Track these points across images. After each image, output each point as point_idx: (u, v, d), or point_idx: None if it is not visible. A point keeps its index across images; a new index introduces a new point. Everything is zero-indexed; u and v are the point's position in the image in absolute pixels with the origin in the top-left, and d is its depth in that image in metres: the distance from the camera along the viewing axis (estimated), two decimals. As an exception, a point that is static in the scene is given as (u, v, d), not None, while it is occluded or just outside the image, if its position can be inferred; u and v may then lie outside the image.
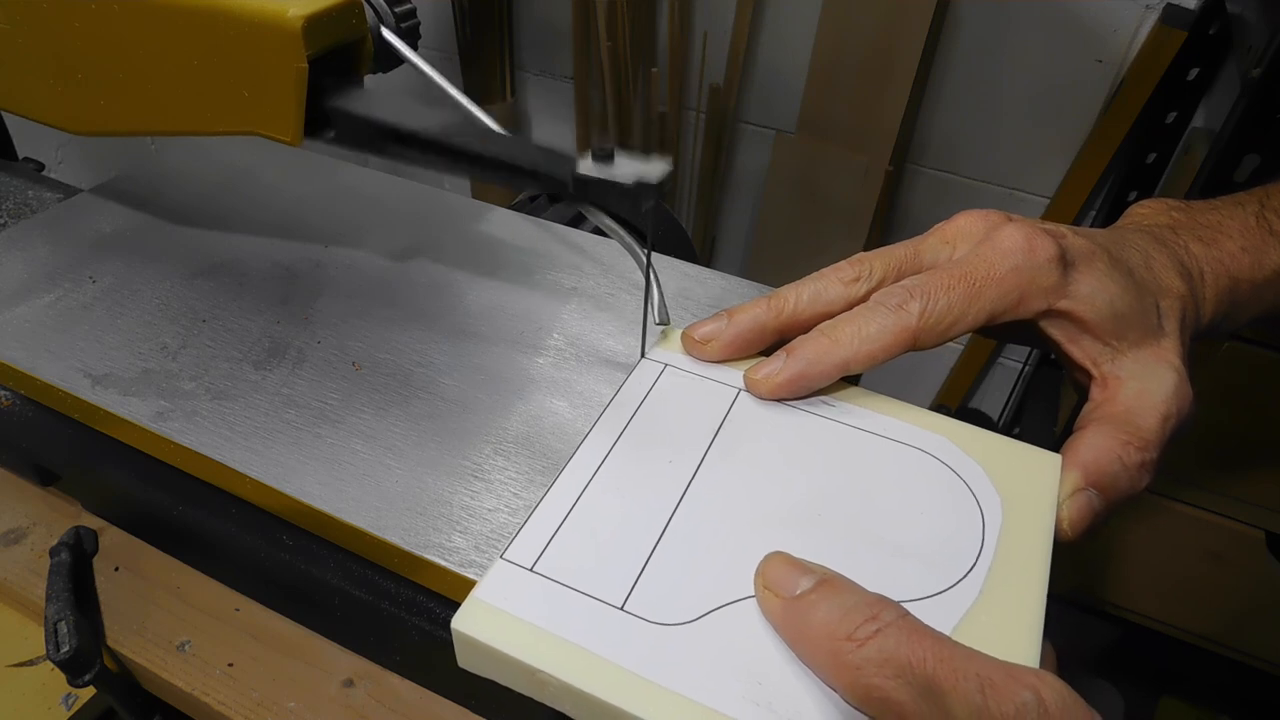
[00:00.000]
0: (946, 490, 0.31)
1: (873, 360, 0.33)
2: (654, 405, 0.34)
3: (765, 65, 1.06)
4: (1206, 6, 0.82)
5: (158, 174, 0.53)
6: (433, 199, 0.52)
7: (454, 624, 0.26)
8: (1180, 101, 0.88)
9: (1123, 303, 0.34)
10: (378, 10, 0.39)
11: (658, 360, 0.36)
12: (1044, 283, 0.33)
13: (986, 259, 0.34)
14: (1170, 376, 0.34)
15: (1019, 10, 0.91)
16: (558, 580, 0.27)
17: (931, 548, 0.28)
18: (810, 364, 0.34)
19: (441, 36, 1.21)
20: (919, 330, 0.33)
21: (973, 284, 0.33)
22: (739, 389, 0.35)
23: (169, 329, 0.41)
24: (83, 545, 0.45)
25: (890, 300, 0.33)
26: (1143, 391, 0.33)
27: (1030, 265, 0.33)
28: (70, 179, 0.60)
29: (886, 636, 0.23)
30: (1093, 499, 0.31)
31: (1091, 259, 0.34)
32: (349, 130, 0.36)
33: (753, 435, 0.33)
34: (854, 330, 0.33)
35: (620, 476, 0.31)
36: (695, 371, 0.36)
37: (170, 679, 0.40)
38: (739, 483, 0.31)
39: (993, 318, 0.33)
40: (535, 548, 0.28)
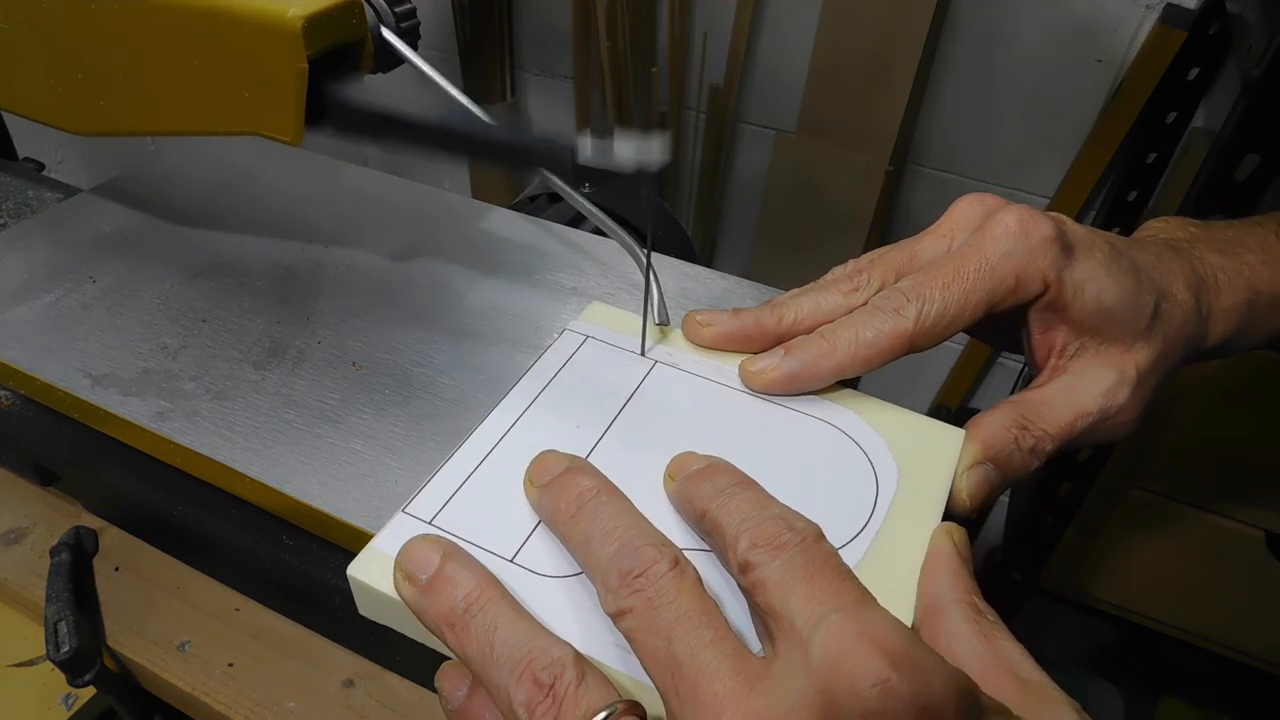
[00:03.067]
0: (846, 461, 0.32)
1: (869, 365, 0.33)
2: (570, 374, 0.35)
3: (765, 65, 1.06)
4: (1206, 6, 0.82)
5: (158, 174, 0.53)
6: (433, 199, 0.52)
7: (349, 571, 0.27)
8: (1180, 101, 0.88)
9: (1113, 297, 0.33)
10: (378, 10, 0.39)
11: (579, 332, 0.37)
12: (1040, 263, 0.33)
13: (979, 248, 0.33)
14: (1107, 378, 0.34)
15: (1019, 10, 0.91)
16: (454, 534, 0.28)
17: (823, 513, 0.28)
18: (806, 365, 0.34)
19: (441, 36, 1.21)
20: (915, 334, 0.33)
21: (965, 278, 0.33)
22: (655, 361, 0.36)
23: (169, 329, 0.41)
24: (83, 545, 0.45)
25: (887, 304, 0.33)
26: (1070, 388, 0.34)
27: (1024, 248, 0.33)
28: (70, 179, 0.60)
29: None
30: (990, 474, 0.32)
31: (1091, 247, 0.34)
32: (348, 120, 0.36)
33: (663, 405, 0.34)
34: (851, 335, 0.33)
35: (527, 440, 0.32)
36: (614, 344, 0.37)
37: (170, 679, 0.40)
38: (642, 448, 0.32)
39: (992, 307, 0.33)
40: (436, 503, 0.29)
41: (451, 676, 0.26)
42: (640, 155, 0.29)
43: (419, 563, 0.26)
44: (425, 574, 0.25)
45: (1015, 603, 1.04)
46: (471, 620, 0.24)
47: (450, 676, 0.26)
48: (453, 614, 0.25)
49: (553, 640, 0.24)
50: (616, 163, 0.29)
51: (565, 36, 1.13)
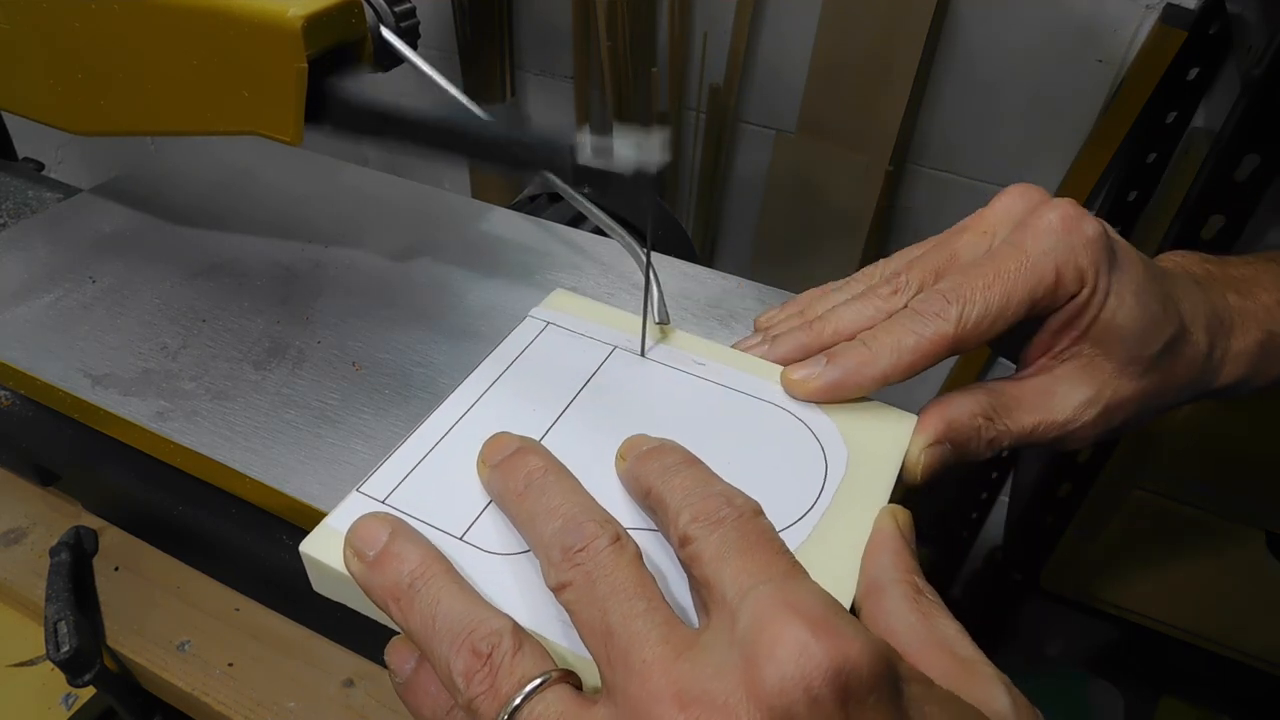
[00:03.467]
0: (797, 444, 0.33)
1: (913, 370, 0.33)
2: (529, 359, 0.35)
3: (765, 65, 1.06)
4: (1206, 6, 0.82)
5: (158, 174, 0.53)
6: (433, 199, 0.52)
7: (302, 547, 0.28)
8: (1180, 101, 0.87)
9: (1131, 319, 0.33)
10: (377, 10, 0.39)
11: (541, 318, 0.37)
12: (1081, 261, 0.32)
13: (1020, 246, 0.33)
14: (1083, 394, 0.34)
15: (1019, 10, 0.91)
16: (406, 512, 0.29)
17: (772, 494, 0.29)
18: (848, 374, 0.33)
19: (441, 36, 1.21)
20: (958, 336, 0.32)
21: (1007, 278, 0.32)
22: (614, 346, 0.36)
23: (169, 329, 0.41)
24: (83, 545, 0.45)
25: (927, 308, 0.33)
26: (1047, 392, 0.34)
27: (1066, 246, 0.32)
28: (70, 179, 0.60)
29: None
30: (946, 454, 0.33)
31: (1131, 262, 0.33)
32: (347, 117, 0.36)
33: (620, 390, 0.34)
34: (893, 342, 0.33)
35: (484, 422, 0.32)
36: (575, 329, 0.37)
37: (170, 679, 0.40)
38: (596, 431, 0.32)
39: (1033, 305, 0.32)
40: (391, 483, 0.30)
41: (400, 651, 0.27)
42: (640, 154, 0.29)
43: (367, 539, 0.26)
44: (373, 550, 0.26)
45: (1015, 603, 1.04)
46: (416, 595, 0.25)
47: (398, 651, 0.27)
48: (398, 588, 0.25)
49: (493, 613, 0.24)
50: (616, 163, 0.29)
51: (565, 36, 1.13)
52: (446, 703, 0.25)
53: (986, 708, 0.23)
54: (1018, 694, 0.24)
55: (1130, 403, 0.34)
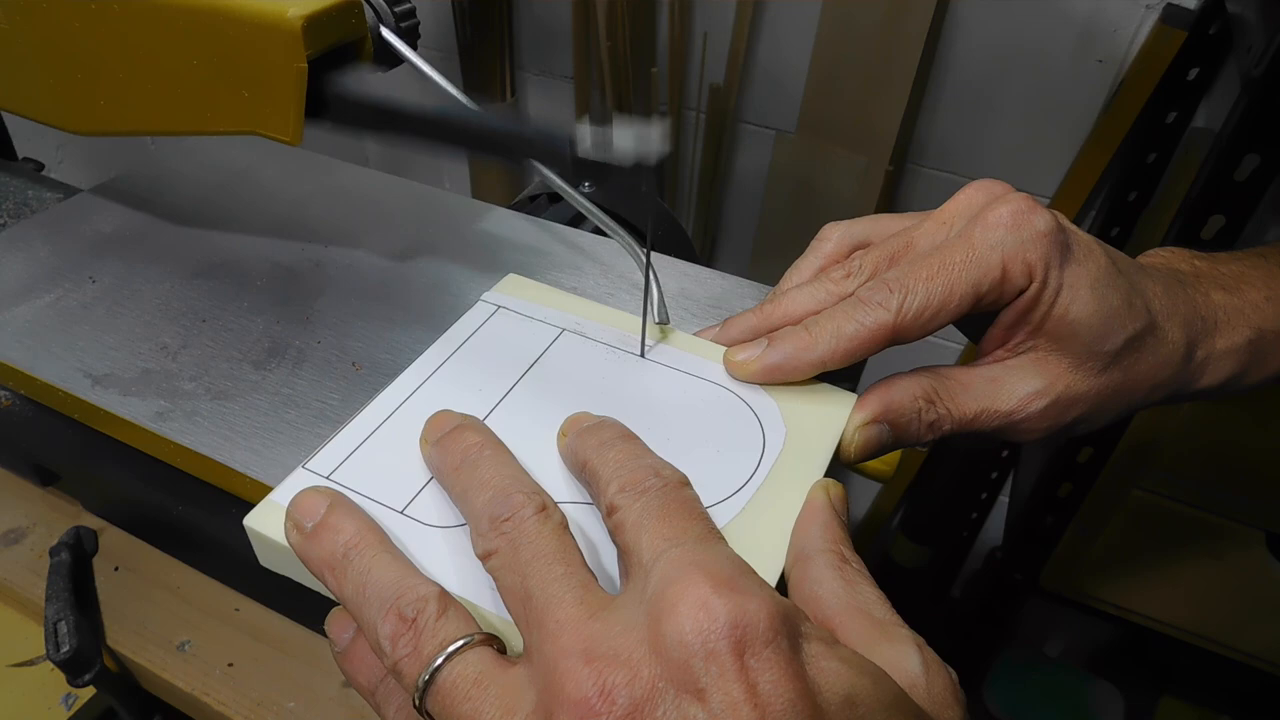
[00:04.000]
0: (737, 422, 0.33)
1: (851, 357, 0.33)
2: (478, 342, 0.36)
3: (765, 65, 1.06)
4: (1206, 6, 0.82)
5: (158, 174, 0.53)
6: (433, 199, 0.52)
7: (246, 521, 0.28)
8: (1180, 101, 0.87)
9: (1086, 314, 0.32)
10: (377, 10, 0.39)
11: (492, 302, 0.38)
12: (1029, 256, 0.32)
13: (969, 238, 0.33)
14: (1032, 385, 0.34)
15: (1019, 10, 0.91)
16: (350, 487, 0.29)
17: (709, 470, 0.31)
18: (787, 359, 0.34)
19: (441, 36, 1.21)
20: (897, 326, 0.33)
21: (951, 270, 0.32)
22: (562, 329, 0.37)
23: (169, 329, 0.41)
24: (83, 545, 0.45)
25: (871, 296, 0.33)
26: (994, 380, 0.34)
27: (1015, 240, 0.32)
28: (70, 179, 0.60)
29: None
30: (883, 434, 0.33)
31: (1088, 256, 0.33)
32: (346, 112, 0.35)
33: (566, 371, 0.35)
34: (833, 329, 0.33)
35: (429, 402, 0.33)
36: (524, 312, 0.38)
37: (170, 679, 0.40)
38: (540, 411, 0.33)
39: (978, 299, 0.32)
40: (336, 459, 0.30)
41: (338, 621, 0.27)
42: (639, 145, 0.29)
43: (306, 511, 0.27)
44: (310, 522, 0.27)
45: (1015, 603, 1.04)
46: (349, 564, 0.26)
47: (337, 621, 0.28)
48: (333, 559, 0.26)
49: (421, 580, 0.25)
50: (615, 155, 0.29)
51: (565, 36, 1.13)
52: (380, 670, 0.26)
53: (897, 666, 0.24)
54: (930, 655, 0.25)
55: (1086, 399, 0.34)
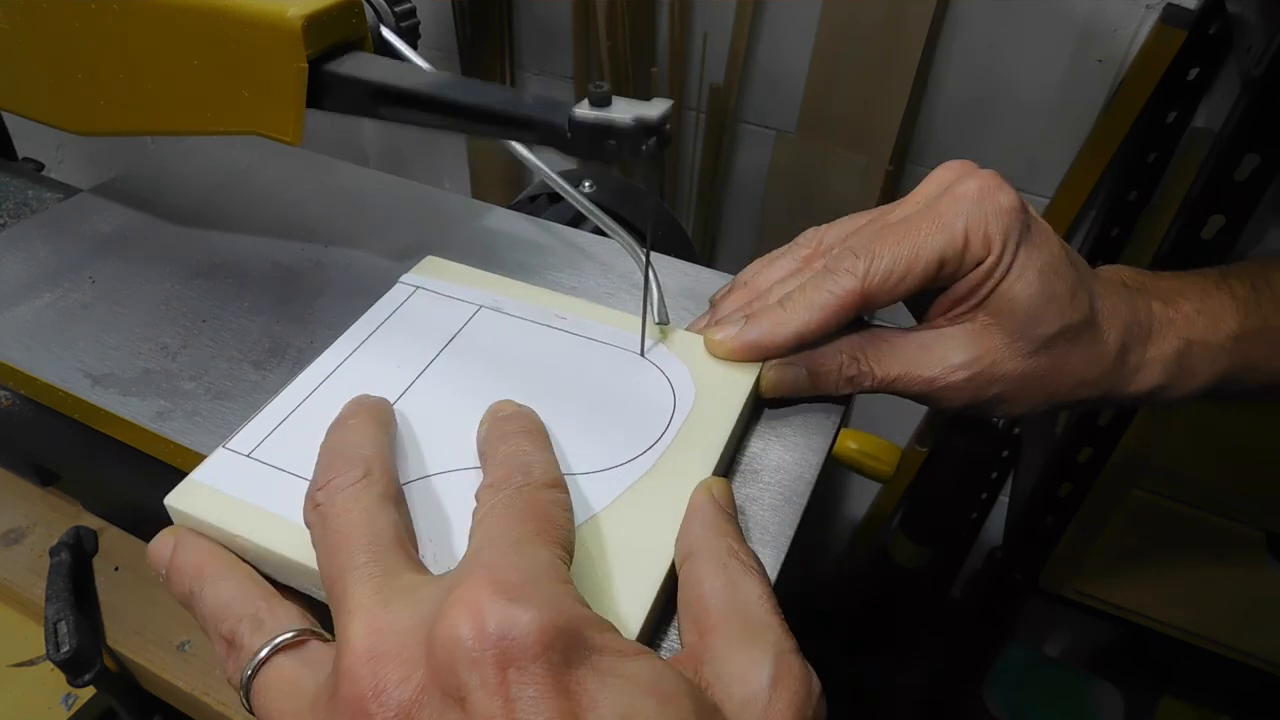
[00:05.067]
0: (650, 386, 0.35)
1: (826, 326, 0.34)
2: (397, 321, 0.37)
3: (765, 65, 1.06)
4: (1206, 6, 0.82)
5: (158, 174, 0.53)
6: (433, 199, 0.52)
7: (167, 500, 0.30)
8: (1180, 101, 0.87)
9: (1027, 296, 0.34)
10: (378, 10, 0.39)
11: (410, 283, 0.39)
12: (991, 228, 0.33)
13: (937, 207, 0.34)
14: (959, 355, 0.35)
15: (1019, 10, 0.91)
16: (271, 464, 0.30)
17: (622, 432, 0.32)
18: (765, 334, 0.35)
19: (441, 36, 1.21)
20: (866, 290, 0.33)
21: (918, 235, 0.33)
22: (479, 305, 0.38)
23: (169, 329, 0.41)
24: (83, 545, 0.45)
25: (838, 264, 0.34)
26: (925, 347, 0.35)
27: (979, 212, 0.33)
28: (70, 179, 0.60)
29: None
30: (799, 377, 0.35)
31: (1044, 244, 0.34)
32: (343, 95, 0.35)
33: (484, 346, 0.36)
34: (806, 301, 0.34)
35: (348, 381, 0.34)
36: (443, 291, 0.39)
37: (170, 679, 0.40)
38: (458, 383, 0.34)
39: (942, 266, 0.33)
40: (256, 438, 0.31)
41: None
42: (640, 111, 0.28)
43: (156, 560, 0.29)
44: (163, 568, 0.28)
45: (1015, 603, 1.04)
46: (196, 600, 0.27)
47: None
48: (185, 596, 0.27)
49: (248, 597, 0.26)
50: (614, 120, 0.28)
51: (565, 36, 1.13)
52: None
53: (743, 677, 0.23)
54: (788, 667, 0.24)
55: (1008, 379, 0.35)
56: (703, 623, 0.25)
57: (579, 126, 0.29)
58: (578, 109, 0.29)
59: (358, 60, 0.36)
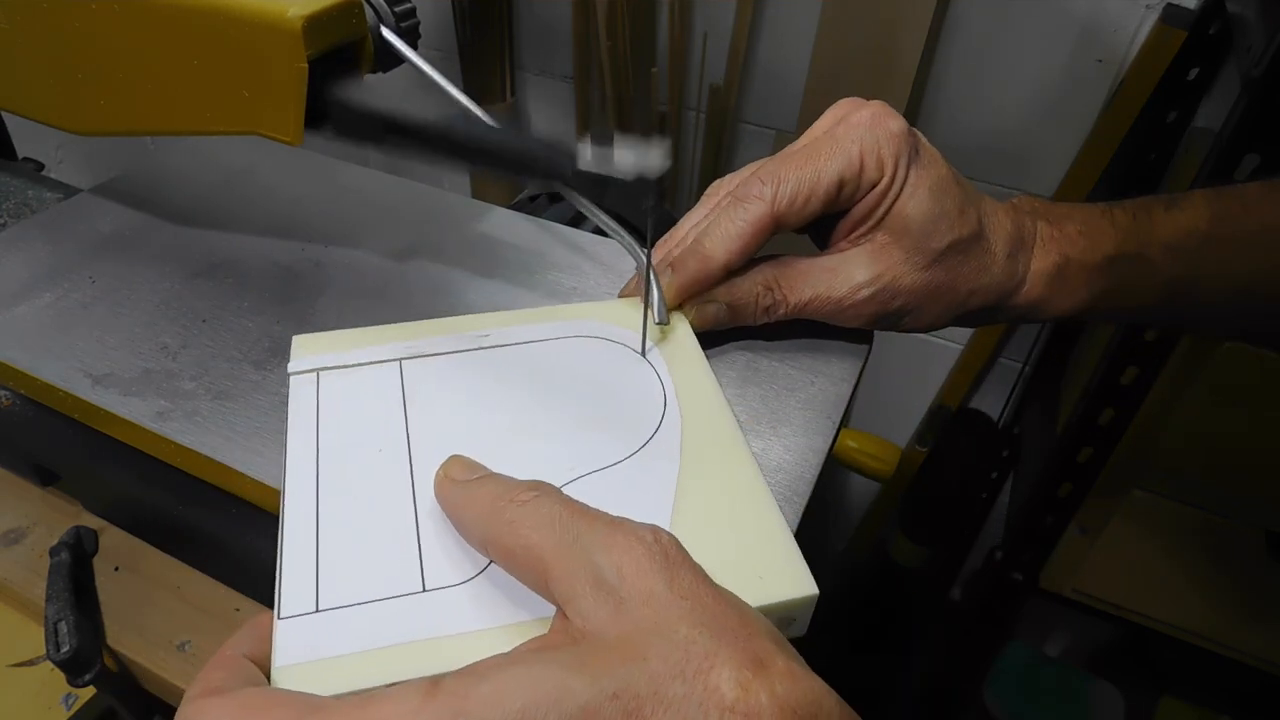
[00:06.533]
0: (623, 362, 0.36)
1: (746, 251, 0.37)
2: (330, 413, 0.33)
3: (765, 65, 1.06)
4: (1206, 6, 0.82)
5: (158, 174, 0.53)
6: (433, 199, 0.52)
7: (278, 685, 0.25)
8: (1180, 101, 0.87)
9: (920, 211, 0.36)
10: (378, 10, 0.39)
11: (306, 369, 0.34)
12: (884, 151, 0.36)
13: (834, 134, 0.37)
14: (862, 275, 0.37)
15: (1019, 10, 0.91)
16: (350, 604, 0.26)
17: (627, 414, 0.33)
18: (692, 275, 0.37)
19: (441, 36, 1.21)
20: (776, 214, 0.36)
21: (818, 159, 0.36)
22: (396, 359, 0.35)
23: (169, 329, 0.41)
24: (83, 545, 0.45)
25: (746, 192, 0.37)
26: (831, 270, 0.38)
27: (872, 136, 0.36)
28: (70, 179, 0.60)
29: (542, 499, 0.26)
30: (719, 312, 0.38)
31: (933, 164, 0.37)
32: (348, 122, 0.35)
33: (437, 396, 0.34)
34: (721, 233, 0.37)
35: (342, 488, 0.30)
36: (346, 363, 0.35)
37: (170, 679, 0.40)
38: (450, 438, 0.32)
39: (841, 187, 0.36)
40: (307, 591, 0.27)
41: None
42: (640, 162, 0.29)
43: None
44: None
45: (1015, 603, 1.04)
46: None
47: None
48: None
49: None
50: (617, 170, 0.29)
51: (565, 36, 1.13)
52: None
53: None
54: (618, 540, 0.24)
55: (909, 291, 0.38)
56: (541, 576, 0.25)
57: (583, 177, 0.30)
58: (581, 160, 0.30)
59: (362, 87, 0.36)
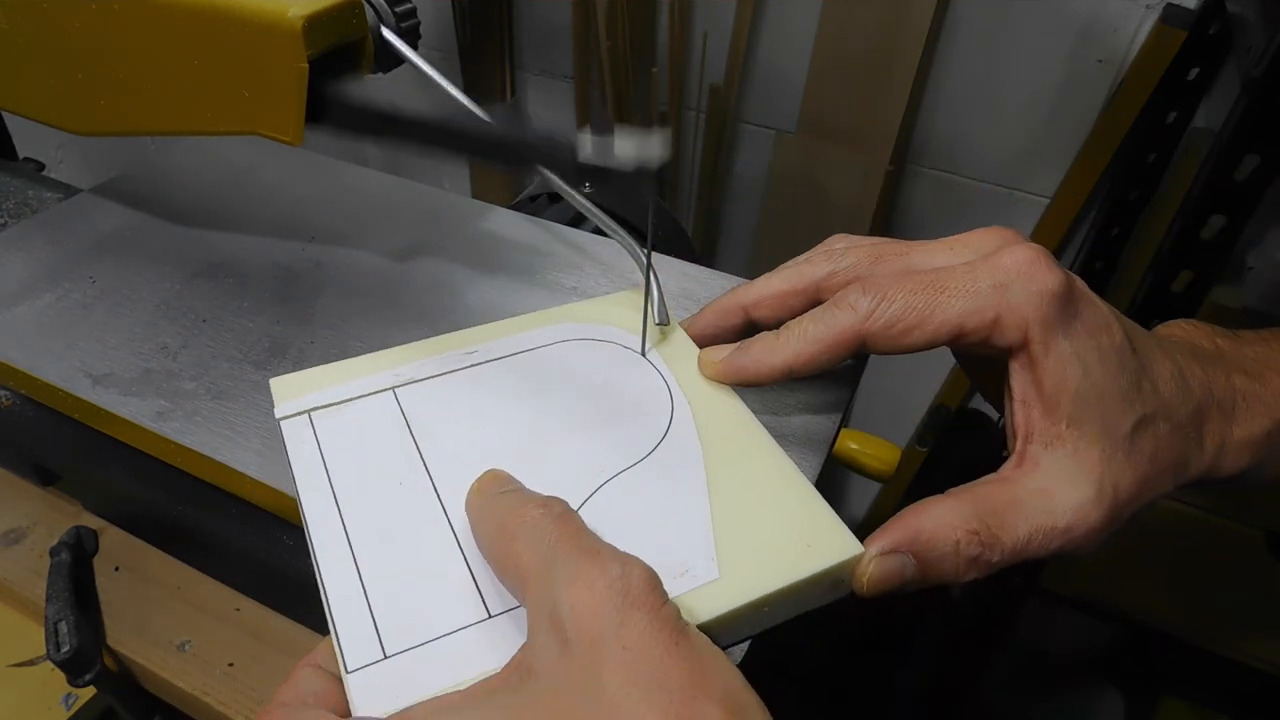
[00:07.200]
0: (618, 361, 0.36)
1: (815, 362, 0.32)
2: (335, 454, 0.31)
3: (765, 65, 1.06)
4: (1206, 6, 0.82)
5: (158, 174, 0.53)
6: (433, 199, 0.52)
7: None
8: (1180, 101, 0.87)
9: (1096, 388, 0.29)
10: (378, 10, 0.39)
11: (295, 412, 0.33)
12: (1029, 312, 0.29)
13: (973, 270, 0.30)
14: (1085, 491, 0.29)
15: (1019, 10, 0.91)
16: (417, 644, 0.26)
17: (637, 410, 0.33)
18: (752, 361, 0.33)
19: (441, 36, 1.21)
20: (866, 331, 0.31)
21: (942, 290, 0.30)
22: (392, 388, 0.34)
23: (169, 329, 0.41)
24: (83, 545, 0.45)
25: (844, 297, 0.31)
26: (1042, 492, 0.30)
27: (1021, 288, 0.29)
28: (70, 179, 0.60)
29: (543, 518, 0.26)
30: (906, 566, 0.29)
31: (1102, 328, 0.30)
32: (347, 117, 0.35)
33: (443, 419, 0.33)
34: (800, 332, 0.32)
35: (373, 528, 0.29)
36: (338, 400, 0.33)
37: (170, 679, 0.40)
38: (470, 459, 0.31)
39: (960, 333, 0.30)
40: (369, 640, 0.26)
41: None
42: (640, 152, 0.29)
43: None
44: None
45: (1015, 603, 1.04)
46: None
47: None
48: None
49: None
50: (616, 161, 0.29)
51: (565, 36, 1.13)
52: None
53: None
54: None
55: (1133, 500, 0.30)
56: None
57: (582, 168, 0.30)
58: (580, 147, 0.29)
59: (361, 84, 0.36)
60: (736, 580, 0.27)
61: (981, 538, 0.29)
